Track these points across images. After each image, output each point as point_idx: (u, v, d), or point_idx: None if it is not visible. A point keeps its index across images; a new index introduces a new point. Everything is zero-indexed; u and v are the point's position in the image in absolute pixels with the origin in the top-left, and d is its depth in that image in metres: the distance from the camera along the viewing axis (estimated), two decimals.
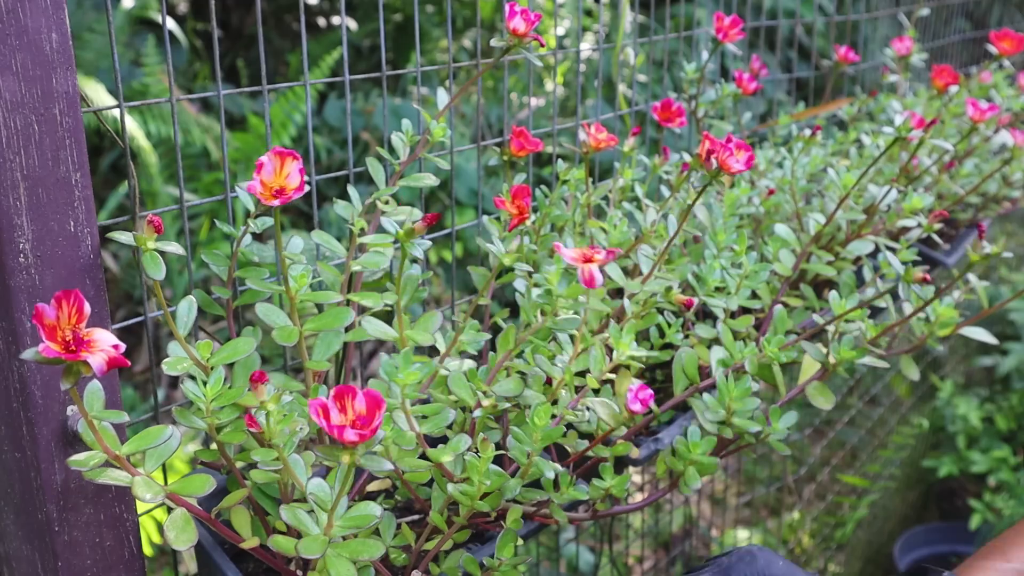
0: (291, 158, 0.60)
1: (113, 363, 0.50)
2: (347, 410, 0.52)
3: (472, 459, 0.62)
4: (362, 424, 0.51)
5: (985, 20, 2.84)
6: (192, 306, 0.67)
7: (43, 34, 0.56)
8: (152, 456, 0.59)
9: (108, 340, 0.51)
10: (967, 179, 1.30)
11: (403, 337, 0.70)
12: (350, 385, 0.52)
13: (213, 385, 0.61)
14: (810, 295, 0.98)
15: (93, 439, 0.56)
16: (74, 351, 0.49)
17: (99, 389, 0.57)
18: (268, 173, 0.60)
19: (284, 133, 2.52)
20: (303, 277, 0.68)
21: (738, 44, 1.33)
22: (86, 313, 0.50)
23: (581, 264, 0.64)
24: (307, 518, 0.58)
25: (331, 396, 0.51)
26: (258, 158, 0.60)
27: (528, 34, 0.74)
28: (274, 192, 0.60)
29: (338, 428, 0.51)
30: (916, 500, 2.43)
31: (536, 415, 0.62)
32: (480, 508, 0.63)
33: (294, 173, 0.60)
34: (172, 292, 2.37)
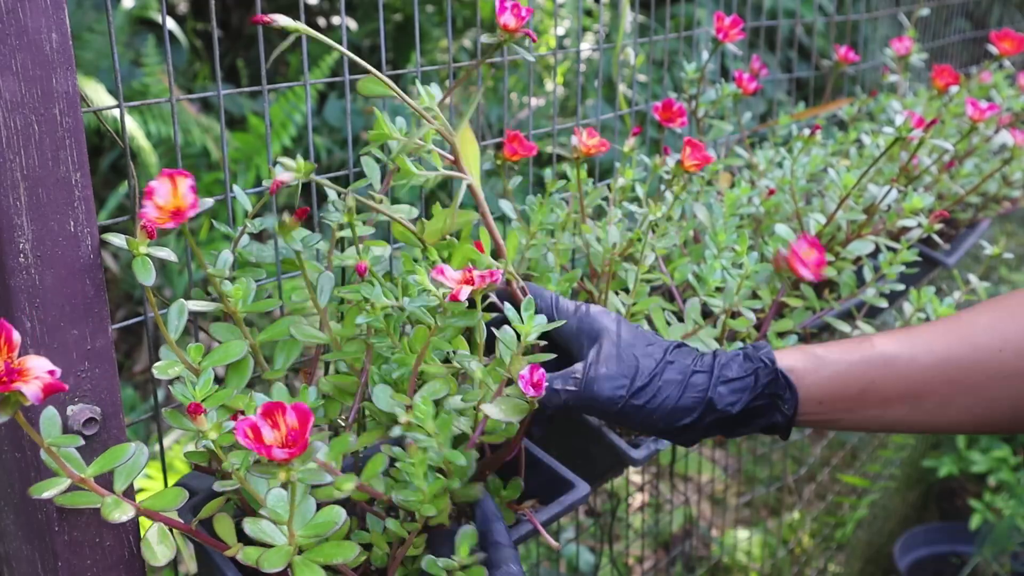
0: (182, 177, 0.60)
1: (50, 389, 0.50)
2: (279, 425, 0.51)
3: (405, 466, 0.61)
4: (294, 440, 0.51)
5: (985, 20, 2.84)
6: (183, 310, 0.67)
7: (43, 34, 0.56)
8: (120, 474, 0.59)
9: (43, 367, 0.50)
10: (967, 179, 1.30)
11: (335, 339, 0.70)
12: (278, 401, 0.51)
13: (202, 387, 0.61)
14: (810, 295, 0.98)
15: (56, 465, 0.56)
16: (6, 382, 0.49)
17: (54, 415, 0.56)
18: (163, 196, 0.60)
19: (284, 133, 2.52)
20: (238, 290, 0.68)
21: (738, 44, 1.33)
22: (16, 342, 0.50)
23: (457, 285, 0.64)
24: (271, 529, 0.58)
25: (260, 413, 0.51)
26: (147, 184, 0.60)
27: (519, 30, 0.73)
28: (171, 214, 0.60)
29: (266, 448, 0.50)
30: (916, 500, 2.43)
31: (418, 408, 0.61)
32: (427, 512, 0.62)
33: (187, 192, 0.60)
34: (172, 292, 2.37)
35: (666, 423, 0.69)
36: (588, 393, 0.69)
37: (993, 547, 2.01)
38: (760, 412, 0.71)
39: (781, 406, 0.71)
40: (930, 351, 0.71)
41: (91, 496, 0.57)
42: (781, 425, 0.72)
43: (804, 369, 0.72)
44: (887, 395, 0.72)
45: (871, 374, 0.71)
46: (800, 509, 2.23)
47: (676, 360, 0.71)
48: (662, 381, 0.69)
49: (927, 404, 0.71)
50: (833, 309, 0.99)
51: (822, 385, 0.72)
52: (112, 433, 0.64)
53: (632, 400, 0.69)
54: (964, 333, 0.72)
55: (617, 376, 0.69)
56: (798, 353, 0.73)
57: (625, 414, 0.69)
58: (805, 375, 0.71)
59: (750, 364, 0.71)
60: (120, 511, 0.57)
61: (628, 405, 0.69)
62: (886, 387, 0.71)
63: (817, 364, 0.72)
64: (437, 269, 0.64)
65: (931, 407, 0.72)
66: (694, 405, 0.69)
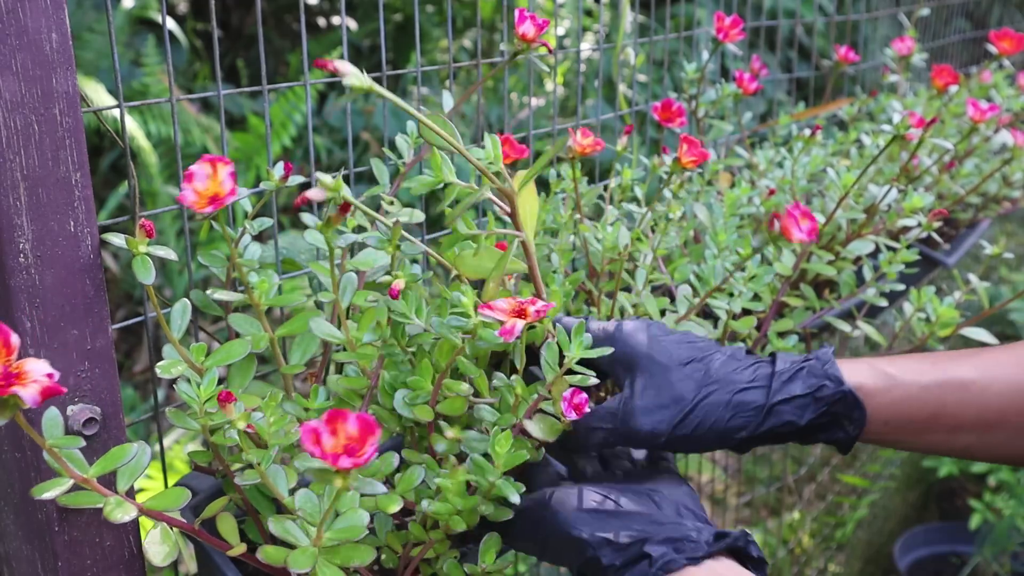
0: (222, 164, 0.60)
1: (48, 393, 0.50)
2: (338, 433, 0.50)
3: (443, 482, 0.61)
4: (354, 450, 0.50)
5: (985, 20, 2.84)
6: (186, 309, 0.67)
7: (43, 34, 0.56)
8: (123, 475, 0.59)
9: (41, 370, 0.50)
10: (967, 179, 1.30)
11: (350, 339, 0.70)
12: (342, 409, 0.51)
13: (207, 386, 0.61)
14: (810, 295, 0.98)
15: (58, 466, 0.56)
16: (3, 385, 0.49)
17: (56, 416, 0.56)
18: (201, 180, 0.60)
19: (284, 133, 2.52)
20: (264, 283, 0.68)
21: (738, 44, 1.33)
22: (14, 345, 0.50)
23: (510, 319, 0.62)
24: (296, 530, 0.58)
25: (323, 420, 0.50)
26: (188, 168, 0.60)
27: (536, 40, 0.74)
28: (209, 200, 0.59)
29: (332, 456, 0.49)
30: (916, 500, 2.43)
31: (497, 443, 0.61)
32: (457, 525, 0.62)
33: (227, 179, 0.60)
34: (172, 292, 2.37)
35: (720, 443, 0.66)
36: (626, 430, 0.66)
37: (993, 547, 2.01)
38: (822, 428, 0.68)
39: (846, 425, 0.68)
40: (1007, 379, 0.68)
41: (94, 496, 0.57)
42: (843, 442, 0.69)
43: (874, 388, 0.68)
44: (958, 421, 0.68)
45: (944, 398, 0.68)
46: (800, 509, 2.23)
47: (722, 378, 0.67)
48: (707, 404, 0.65)
49: (999, 434, 0.68)
50: (833, 309, 0.99)
51: (891, 407, 0.68)
52: (112, 433, 0.64)
53: (676, 432, 0.65)
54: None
55: (655, 409, 0.65)
56: (867, 370, 0.69)
57: (672, 446, 0.66)
58: (875, 394, 0.68)
59: (814, 380, 0.67)
60: (123, 511, 0.57)
61: (673, 438, 0.65)
62: (958, 413, 0.68)
63: (888, 384, 0.68)
64: (485, 305, 0.62)
65: (1002, 437, 0.69)
66: (745, 424, 0.66)
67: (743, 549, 0.59)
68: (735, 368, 0.67)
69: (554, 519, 0.63)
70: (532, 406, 0.66)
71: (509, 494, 0.61)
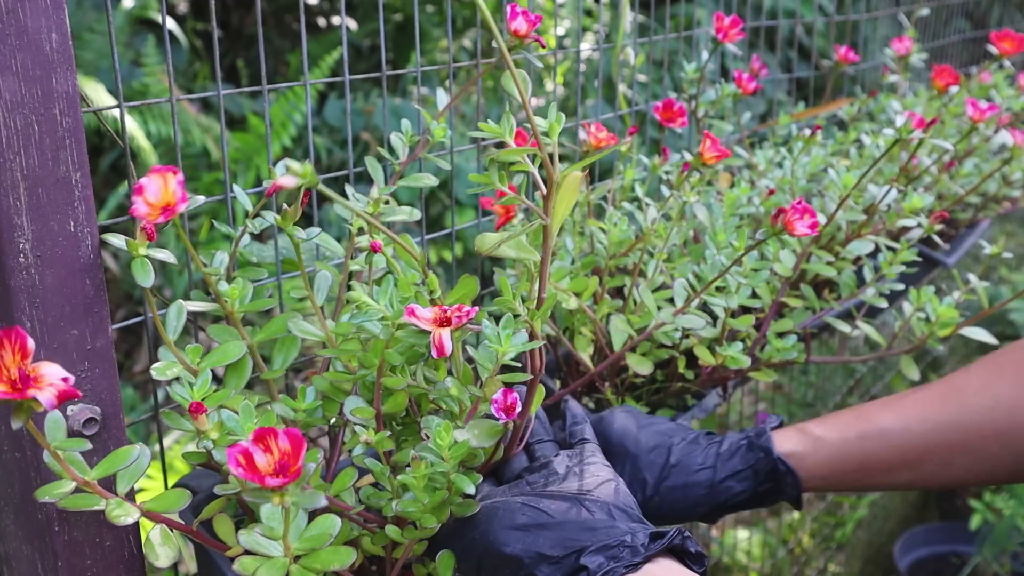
0: (171, 174, 0.60)
1: (64, 396, 0.50)
2: (272, 450, 0.50)
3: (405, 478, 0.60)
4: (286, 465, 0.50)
5: (985, 20, 2.84)
6: (182, 310, 0.67)
7: (43, 34, 0.56)
8: (124, 477, 0.59)
9: (57, 374, 0.50)
10: (967, 179, 1.30)
11: (329, 336, 0.70)
12: (271, 427, 0.51)
13: (200, 388, 0.61)
14: (810, 295, 0.98)
15: (60, 468, 0.56)
16: (21, 389, 0.49)
17: (59, 418, 0.56)
18: (153, 192, 0.59)
19: (284, 133, 2.52)
20: (234, 291, 0.68)
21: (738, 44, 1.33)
22: (30, 349, 0.50)
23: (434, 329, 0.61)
24: (266, 541, 0.57)
25: (251, 439, 0.50)
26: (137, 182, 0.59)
27: (529, 35, 0.74)
28: (161, 209, 0.59)
29: (258, 477, 0.49)
30: (916, 500, 2.43)
31: (438, 435, 0.60)
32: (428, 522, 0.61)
33: (177, 188, 0.60)
34: (172, 292, 2.37)
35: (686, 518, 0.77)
36: None
37: (993, 547, 2.01)
38: (768, 494, 0.78)
39: (786, 488, 0.77)
40: (923, 419, 0.76)
41: (94, 498, 0.57)
42: (792, 499, 0.79)
43: (803, 452, 0.78)
44: (887, 465, 0.77)
45: (868, 448, 0.77)
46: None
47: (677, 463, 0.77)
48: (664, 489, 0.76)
49: (928, 467, 0.76)
50: (833, 309, 0.99)
51: (822, 464, 0.78)
52: (112, 433, 0.65)
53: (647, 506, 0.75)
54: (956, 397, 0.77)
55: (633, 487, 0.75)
56: (797, 436, 0.78)
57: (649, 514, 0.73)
58: (805, 457, 0.77)
59: (752, 455, 0.77)
60: (124, 513, 0.57)
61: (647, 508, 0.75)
62: (885, 458, 0.77)
63: (815, 446, 0.78)
64: (408, 310, 0.61)
65: (933, 469, 0.76)
66: (700, 501, 0.76)
67: (680, 546, 0.59)
68: (690, 452, 0.77)
69: (484, 539, 0.61)
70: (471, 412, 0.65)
71: (464, 487, 0.60)
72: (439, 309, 0.62)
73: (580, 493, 0.62)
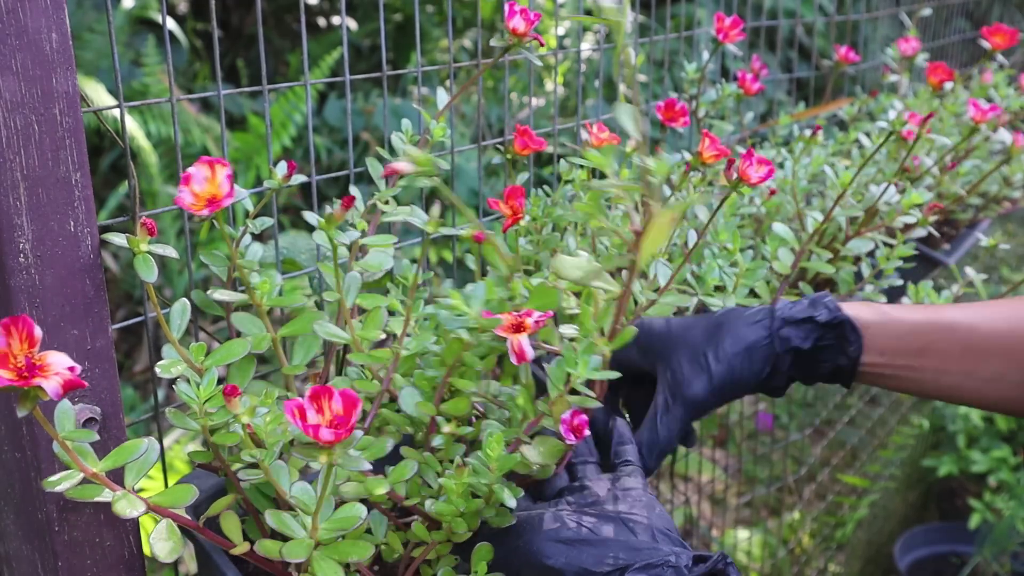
0: (220, 166, 0.60)
1: (69, 386, 0.50)
2: (324, 411, 0.51)
3: (447, 482, 0.60)
4: (339, 424, 0.51)
5: (985, 20, 2.84)
6: (186, 309, 0.67)
7: (43, 34, 0.56)
8: (131, 470, 0.59)
9: (63, 363, 0.50)
10: (967, 179, 1.30)
11: (355, 339, 0.70)
12: (327, 386, 0.51)
13: (206, 386, 0.61)
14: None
15: (69, 459, 0.56)
16: (27, 377, 0.49)
17: (69, 409, 0.56)
18: (199, 182, 0.60)
19: (284, 133, 2.52)
20: (265, 284, 0.68)
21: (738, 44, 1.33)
22: (37, 337, 0.50)
23: (510, 336, 0.60)
24: (292, 522, 0.58)
25: (307, 397, 0.51)
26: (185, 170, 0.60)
27: (528, 34, 0.74)
28: (207, 201, 0.59)
29: (313, 428, 0.50)
30: (916, 500, 2.43)
31: (488, 446, 0.60)
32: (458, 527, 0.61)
33: (224, 180, 0.60)
34: (172, 292, 2.37)
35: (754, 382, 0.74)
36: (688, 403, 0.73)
37: (993, 547, 2.01)
38: (827, 354, 0.75)
39: (847, 348, 0.75)
40: (991, 322, 0.75)
41: (101, 490, 0.57)
42: (846, 369, 0.75)
43: (869, 319, 0.75)
44: (945, 357, 0.74)
45: (932, 335, 0.75)
46: (800, 509, 2.23)
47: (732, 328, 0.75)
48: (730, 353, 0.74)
49: (982, 374, 0.74)
50: None
51: (886, 337, 0.75)
52: (112, 433, 0.64)
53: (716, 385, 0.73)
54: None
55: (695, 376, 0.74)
56: (864, 306, 0.77)
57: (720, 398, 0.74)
58: (870, 324, 0.75)
59: (814, 308, 0.75)
60: (131, 506, 0.57)
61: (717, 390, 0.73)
62: (945, 349, 0.74)
63: (882, 317, 0.76)
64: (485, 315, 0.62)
65: (986, 377, 0.74)
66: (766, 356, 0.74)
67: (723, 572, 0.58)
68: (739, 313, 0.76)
69: (527, 548, 0.61)
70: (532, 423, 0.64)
71: (505, 499, 0.60)
72: (512, 315, 0.62)
73: (622, 513, 0.63)
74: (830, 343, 0.75)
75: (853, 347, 0.75)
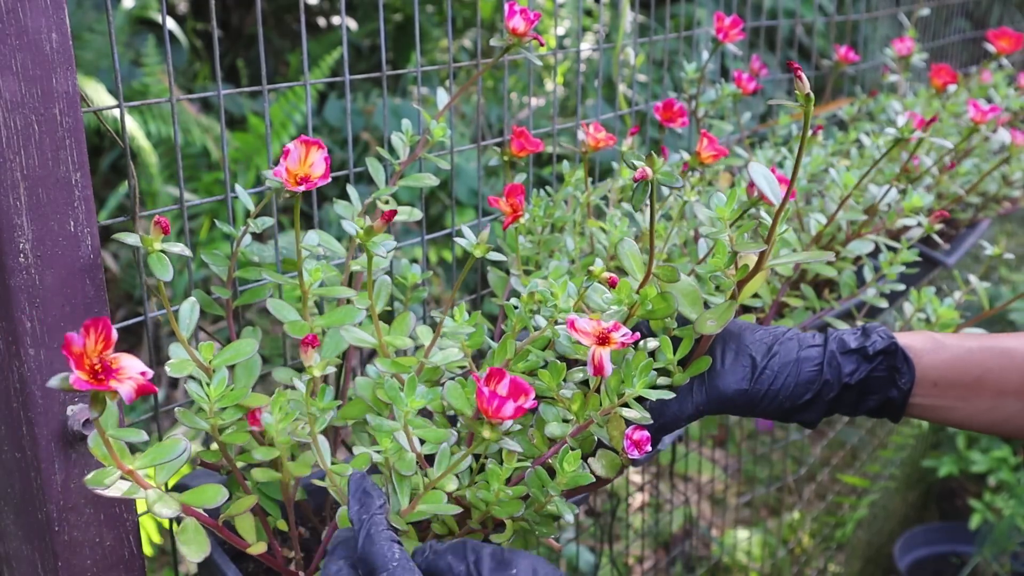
0: (316, 147, 0.62)
1: (142, 390, 0.49)
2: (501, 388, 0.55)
3: (494, 467, 0.61)
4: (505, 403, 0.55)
5: (985, 20, 2.84)
6: (194, 307, 0.66)
7: (43, 34, 0.56)
8: (163, 470, 0.59)
9: (136, 367, 0.50)
10: (967, 179, 1.30)
11: (382, 344, 0.70)
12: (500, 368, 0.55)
13: (216, 386, 0.61)
14: (810, 295, 0.98)
15: (106, 454, 0.55)
16: (103, 380, 0.48)
17: (113, 407, 0.56)
18: (294, 160, 0.61)
19: (284, 133, 2.52)
20: (317, 271, 0.68)
21: (738, 44, 1.33)
22: (113, 339, 0.49)
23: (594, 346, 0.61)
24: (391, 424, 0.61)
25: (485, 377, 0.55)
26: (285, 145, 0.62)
27: (528, 33, 0.74)
28: (299, 179, 0.61)
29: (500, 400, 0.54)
30: (916, 500, 2.43)
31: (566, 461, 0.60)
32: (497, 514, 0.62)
33: (319, 162, 0.62)
34: (172, 292, 2.37)
35: (791, 401, 0.71)
36: (715, 392, 0.70)
37: (993, 547, 2.01)
38: (877, 385, 0.72)
39: (898, 380, 0.71)
40: None
41: (134, 488, 0.56)
42: (896, 402, 0.72)
43: (922, 348, 0.72)
44: (1003, 386, 0.71)
45: (989, 363, 0.71)
46: (800, 509, 2.23)
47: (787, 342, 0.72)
48: (779, 363, 0.71)
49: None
50: (833, 309, 0.99)
51: (939, 367, 0.72)
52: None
53: (755, 387, 0.70)
54: None
55: (736, 368, 0.71)
56: (917, 335, 0.74)
57: (752, 402, 0.71)
58: (923, 354, 0.72)
59: (866, 337, 0.72)
60: (168, 507, 0.56)
61: (753, 392, 0.70)
62: (1003, 377, 0.71)
63: (935, 346, 0.72)
64: (569, 322, 0.62)
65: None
66: (813, 377, 0.71)
67: None
68: (795, 335, 0.73)
69: None
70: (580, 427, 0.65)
71: (565, 512, 0.61)
72: (599, 324, 0.62)
73: None
74: (881, 374, 0.71)
75: (905, 378, 0.71)
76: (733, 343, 0.72)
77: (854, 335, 0.73)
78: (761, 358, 0.71)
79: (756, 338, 0.72)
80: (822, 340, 0.72)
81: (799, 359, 0.71)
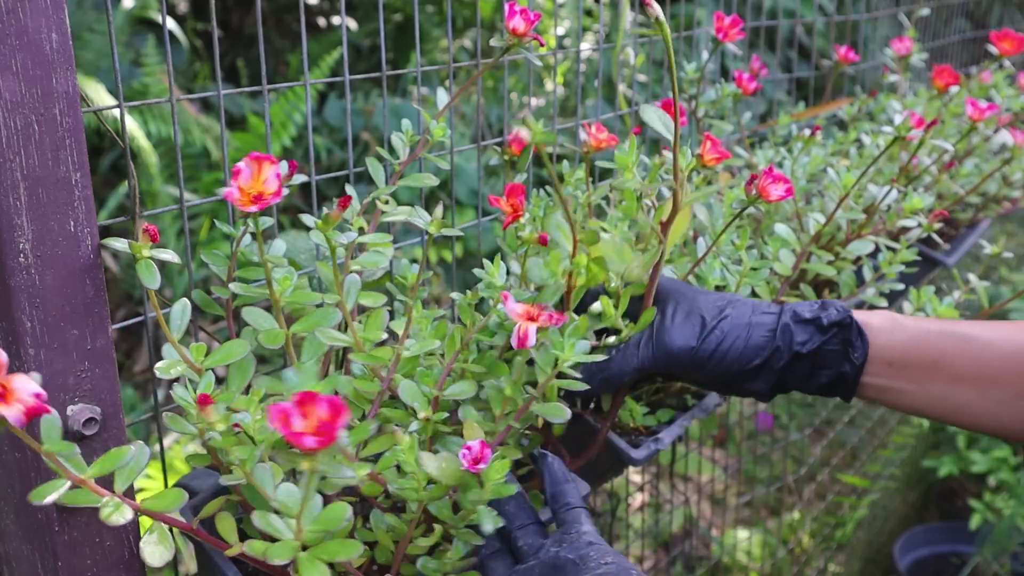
0: (268, 163, 0.59)
1: (32, 412, 0.48)
2: (310, 416, 0.50)
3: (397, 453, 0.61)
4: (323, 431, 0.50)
5: (985, 20, 2.84)
6: (186, 309, 0.66)
7: (43, 34, 0.56)
8: (121, 476, 0.59)
9: (28, 389, 0.49)
10: (967, 179, 1.30)
11: (358, 341, 0.70)
12: (312, 392, 0.50)
13: (203, 388, 0.61)
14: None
15: (57, 467, 0.55)
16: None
17: (55, 419, 0.55)
18: (246, 179, 0.59)
19: (284, 133, 2.52)
20: (286, 280, 0.68)
21: (738, 44, 1.33)
22: (3, 362, 0.49)
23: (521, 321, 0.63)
24: (279, 523, 0.57)
25: (294, 402, 0.50)
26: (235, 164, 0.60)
27: (528, 34, 0.74)
28: (252, 198, 0.59)
29: (296, 435, 0.49)
30: (916, 500, 2.43)
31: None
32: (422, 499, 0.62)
33: (271, 178, 0.59)
34: (172, 292, 2.37)
35: (739, 365, 0.69)
36: (662, 348, 0.70)
37: (993, 547, 2.01)
38: (830, 359, 0.70)
39: (851, 354, 0.70)
40: (1010, 340, 0.70)
41: (90, 496, 0.57)
42: (848, 378, 0.71)
43: (880, 327, 0.71)
44: (959, 372, 0.70)
45: (946, 346, 0.70)
46: (800, 509, 2.23)
47: (740, 307, 0.71)
48: (729, 324, 0.70)
49: (996, 393, 0.70)
50: None
51: (896, 347, 0.71)
52: (112, 433, 0.65)
53: (703, 346, 0.69)
54: None
55: (685, 326, 0.70)
56: (876, 314, 0.73)
57: (698, 362, 0.69)
58: (880, 332, 0.71)
59: (823, 310, 0.71)
60: (119, 513, 0.57)
61: (700, 351, 0.69)
62: (959, 363, 0.70)
63: (894, 326, 0.71)
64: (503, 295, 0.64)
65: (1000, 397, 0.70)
66: (764, 343, 0.70)
67: None
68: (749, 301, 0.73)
69: None
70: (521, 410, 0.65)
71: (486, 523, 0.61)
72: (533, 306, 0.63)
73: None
74: (834, 347, 0.70)
75: (858, 352, 0.70)
76: (685, 304, 0.71)
77: (810, 307, 0.72)
78: (711, 319, 0.70)
79: (710, 300, 0.72)
80: (777, 309, 0.72)
81: (751, 323, 0.70)
